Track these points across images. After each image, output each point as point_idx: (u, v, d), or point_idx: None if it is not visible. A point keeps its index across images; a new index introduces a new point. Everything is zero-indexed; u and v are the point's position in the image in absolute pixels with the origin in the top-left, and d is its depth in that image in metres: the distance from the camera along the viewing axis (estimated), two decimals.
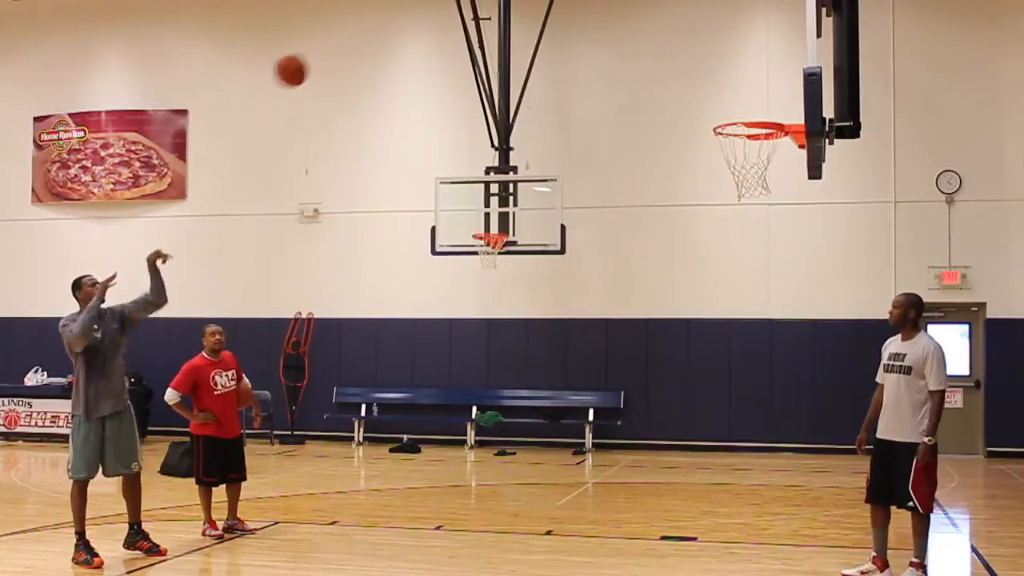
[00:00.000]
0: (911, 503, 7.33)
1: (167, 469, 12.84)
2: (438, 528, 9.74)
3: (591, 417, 16.28)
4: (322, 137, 17.79)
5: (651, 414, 16.36)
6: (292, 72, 8.17)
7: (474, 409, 16.69)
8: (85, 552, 7.97)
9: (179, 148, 18.49)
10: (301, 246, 17.83)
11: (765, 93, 15.82)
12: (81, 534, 8.04)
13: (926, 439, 7.32)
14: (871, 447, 7.66)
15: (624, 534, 9.44)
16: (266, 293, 17.77)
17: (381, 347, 17.35)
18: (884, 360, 7.64)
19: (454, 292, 17.03)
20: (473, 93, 16.06)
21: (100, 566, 7.90)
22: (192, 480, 9.26)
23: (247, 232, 18.03)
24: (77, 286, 8.43)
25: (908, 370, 7.40)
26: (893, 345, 7.65)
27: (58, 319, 8.35)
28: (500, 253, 15.34)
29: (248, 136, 18.15)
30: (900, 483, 7.35)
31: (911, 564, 7.44)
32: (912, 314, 7.58)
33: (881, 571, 7.53)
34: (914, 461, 7.30)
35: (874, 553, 7.61)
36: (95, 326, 8.15)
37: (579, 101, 17.05)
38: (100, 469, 8.19)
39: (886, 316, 7.66)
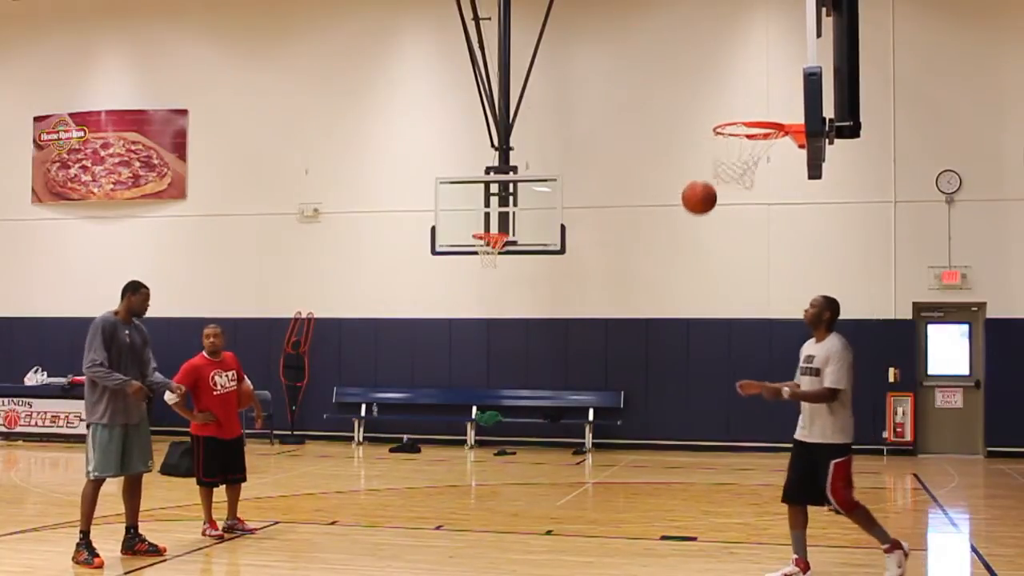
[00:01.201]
0: (831, 506, 7.32)
1: (167, 469, 12.83)
2: (438, 528, 9.74)
3: (591, 417, 16.28)
4: (322, 137, 17.80)
5: (651, 414, 16.37)
6: (699, 200, 7.55)
7: (474, 409, 16.69)
8: (86, 552, 7.95)
9: (179, 148, 18.49)
10: (301, 246, 17.83)
11: (765, 93, 15.82)
12: (86, 533, 8.03)
13: (786, 388, 7.30)
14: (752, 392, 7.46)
15: (624, 534, 9.44)
16: (266, 293, 17.77)
17: (381, 347, 17.35)
18: (800, 363, 7.66)
19: (454, 292, 17.03)
20: (473, 93, 16.06)
21: (100, 566, 7.89)
22: (192, 480, 9.26)
23: (247, 232, 18.03)
24: (135, 290, 8.28)
25: (816, 372, 7.42)
26: (807, 347, 7.68)
27: (59, 319, 8.33)
28: (500, 253, 15.33)
29: (248, 136, 18.15)
30: (820, 486, 7.31)
31: (884, 551, 7.38)
32: (827, 316, 7.62)
33: (803, 573, 7.46)
34: (830, 464, 7.25)
35: (795, 555, 7.53)
36: (127, 332, 8.19)
37: (579, 101, 17.05)
38: (121, 468, 8.18)
39: (887, 316, 7.67)
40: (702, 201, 8.29)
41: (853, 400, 7.46)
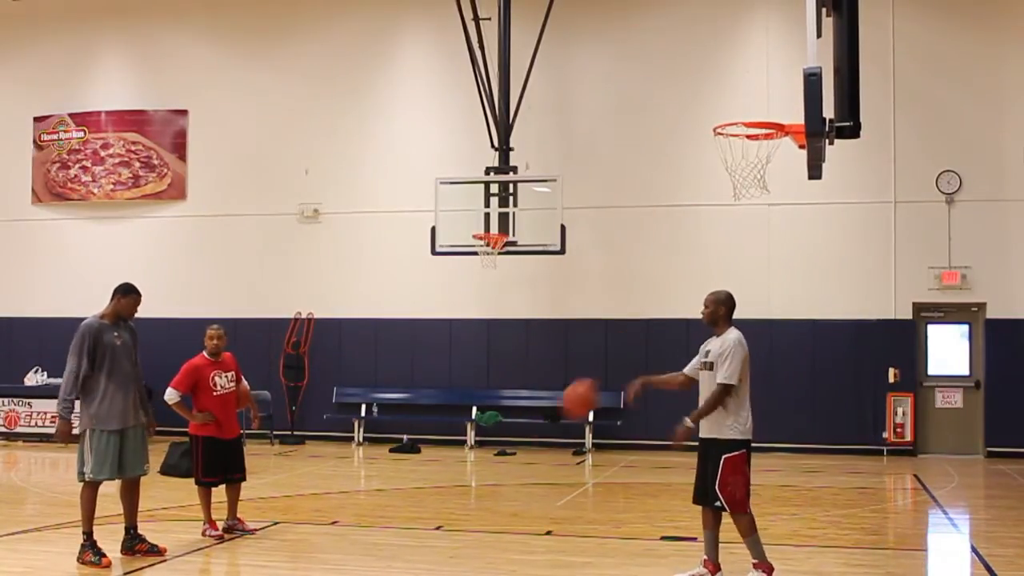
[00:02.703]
0: (717, 503, 7.29)
1: (167, 469, 12.84)
2: (438, 528, 9.74)
3: (591, 417, 16.27)
4: (322, 137, 17.80)
5: (651, 415, 16.26)
6: (580, 401, 7.31)
7: (474, 409, 16.68)
8: (92, 553, 7.95)
9: (179, 148, 18.49)
10: (301, 246, 17.83)
11: (765, 93, 15.82)
12: (89, 534, 8.03)
13: (687, 420, 7.29)
14: (638, 392, 7.54)
15: (624, 534, 9.45)
16: (266, 293, 17.77)
17: (381, 347, 17.34)
18: (699, 357, 7.67)
19: (454, 292, 17.03)
20: (473, 93, 16.06)
21: (108, 566, 7.89)
22: (192, 480, 9.26)
23: (247, 232, 18.03)
24: (124, 294, 8.21)
25: (711, 366, 7.45)
26: (707, 343, 7.71)
27: (59, 319, 8.33)
28: (500, 253, 15.33)
29: (248, 136, 18.15)
30: (710, 481, 7.33)
31: (753, 566, 7.31)
32: (722, 312, 7.71)
33: (713, 575, 7.42)
34: (720, 458, 7.26)
35: (704, 556, 7.51)
36: (115, 334, 8.14)
37: (579, 101, 17.04)
38: (117, 471, 8.16)
39: (887, 316, 7.65)
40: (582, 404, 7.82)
41: (855, 400, 7.44)
